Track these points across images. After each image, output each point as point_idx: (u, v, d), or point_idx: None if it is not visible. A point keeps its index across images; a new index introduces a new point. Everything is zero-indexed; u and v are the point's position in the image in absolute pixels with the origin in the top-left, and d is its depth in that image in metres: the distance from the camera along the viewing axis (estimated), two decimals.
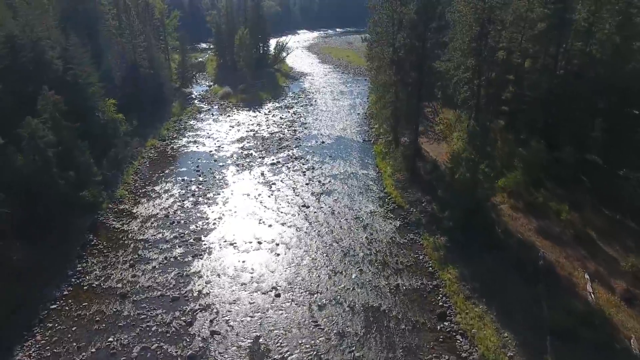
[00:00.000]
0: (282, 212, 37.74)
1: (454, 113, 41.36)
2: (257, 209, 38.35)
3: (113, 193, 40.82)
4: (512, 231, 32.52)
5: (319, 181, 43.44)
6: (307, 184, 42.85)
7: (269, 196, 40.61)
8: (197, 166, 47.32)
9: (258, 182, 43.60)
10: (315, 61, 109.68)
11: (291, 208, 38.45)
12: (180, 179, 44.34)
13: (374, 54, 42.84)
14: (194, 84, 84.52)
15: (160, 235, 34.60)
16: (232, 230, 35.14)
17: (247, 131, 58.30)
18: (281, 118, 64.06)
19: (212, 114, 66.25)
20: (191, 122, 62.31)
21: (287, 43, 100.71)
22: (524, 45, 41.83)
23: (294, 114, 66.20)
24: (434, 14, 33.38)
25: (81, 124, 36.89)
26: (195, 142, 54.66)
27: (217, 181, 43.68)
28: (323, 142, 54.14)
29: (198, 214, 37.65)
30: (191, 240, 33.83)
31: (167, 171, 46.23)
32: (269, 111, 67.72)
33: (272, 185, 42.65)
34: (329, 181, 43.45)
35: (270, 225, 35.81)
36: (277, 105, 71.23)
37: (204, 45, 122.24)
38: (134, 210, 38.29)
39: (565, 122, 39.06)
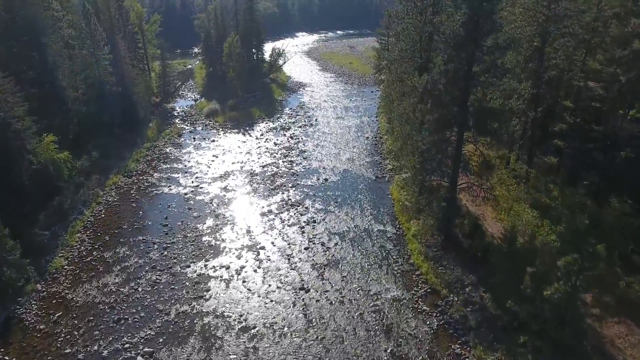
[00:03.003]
0: (271, 301, 27.34)
1: (496, 151, 30.88)
2: (237, 296, 27.97)
3: (48, 264, 30.58)
4: (607, 349, 22.22)
5: (322, 243, 33.09)
6: (306, 249, 32.49)
7: (255, 270, 30.23)
8: (166, 217, 36.92)
9: (242, 245, 33.22)
10: (315, 69, 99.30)
11: (284, 293, 28.07)
12: (141, 238, 33.95)
13: (395, 76, 32.60)
14: (178, 97, 74.02)
15: (97, 346, 24.18)
16: (198, 342, 24.75)
17: (233, 163, 47.89)
18: (275, 144, 53.67)
19: (194, 138, 55.79)
20: (168, 150, 51.88)
21: (284, 49, 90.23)
22: (597, 67, 31.44)
23: (291, 137, 55.81)
24: (491, 26, 23.10)
25: None
26: (168, 179, 44.24)
27: (188, 244, 33.26)
28: (326, 180, 43.77)
29: (154, 304, 27.27)
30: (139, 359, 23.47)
31: (125, 225, 35.82)
32: (262, 134, 57.31)
33: (261, 252, 32.27)
34: (336, 243, 33.10)
35: (252, 330, 25.37)
36: (272, 125, 60.81)
37: (196, 50, 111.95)
38: (70, 296, 27.91)
39: None
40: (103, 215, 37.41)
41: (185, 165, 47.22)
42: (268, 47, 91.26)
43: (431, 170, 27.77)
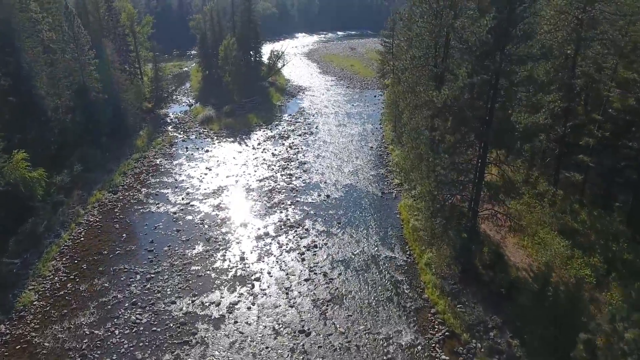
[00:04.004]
0: (266, 348, 23.77)
1: (519, 167, 27.27)
2: (228, 342, 24.43)
3: (16, 299, 27.13)
4: None
5: (325, 273, 29.56)
6: (307, 280, 28.96)
7: (249, 308, 26.67)
8: (151, 241, 33.41)
9: (235, 275, 29.69)
10: (316, 71, 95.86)
11: (282, 337, 24.54)
12: (123, 267, 30.43)
13: (406, 86, 29.08)
14: (172, 102, 70.43)
15: None
16: None
17: (227, 176, 44.36)
18: (274, 154, 50.16)
19: (187, 148, 52.26)
20: (158, 161, 48.35)
21: (283, 51, 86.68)
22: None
23: (290, 147, 52.31)
24: (524, 32, 19.54)
25: None
26: (157, 195, 40.72)
27: (175, 274, 29.71)
28: (328, 196, 40.26)
29: (132, 351, 23.72)
30: None
31: (106, 250, 32.30)
32: (259, 143, 53.80)
33: (256, 284, 28.74)
34: (339, 274, 29.58)
35: None
36: (270, 133, 57.30)
37: (193, 51, 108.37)
38: (37, 340, 24.38)
39: None
40: (82, 239, 33.89)
41: (176, 180, 43.69)
42: (267, 49, 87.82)
43: (449, 197, 24.27)
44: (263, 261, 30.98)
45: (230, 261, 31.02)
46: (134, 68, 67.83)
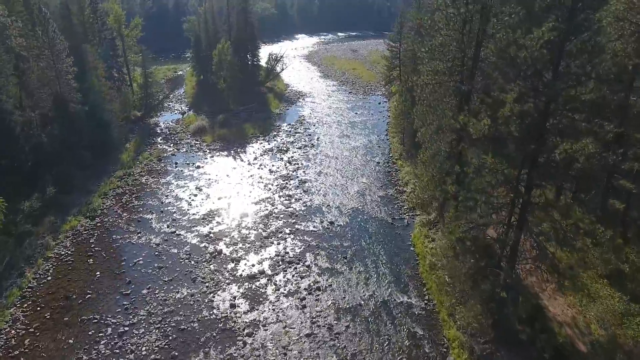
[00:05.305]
0: None
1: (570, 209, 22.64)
2: None
3: None
4: None
5: (329, 327, 25.04)
6: (308, 336, 24.41)
7: None
8: (129, 282, 28.90)
9: (222, 329, 25.12)
10: (316, 75, 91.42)
11: None
12: (92, 316, 25.90)
13: (425, 105, 24.53)
14: (164, 110, 65.87)
15: None
16: None
17: (219, 198, 39.86)
18: (271, 171, 45.66)
19: (176, 163, 47.76)
20: (143, 180, 43.85)
21: (282, 55, 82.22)
22: None
23: (290, 162, 47.82)
24: (588, 45, 15.01)
25: None
26: (139, 221, 36.23)
27: (152, 327, 25.13)
28: (332, 223, 35.76)
29: None
30: None
31: (75, 294, 27.74)
32: (255, 158, 49.29)
33: (247, 341, 24.15)
34: (347, 327, 25.04)
35: None
36: (267, 146, 52.82)
37: (189, 54, 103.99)
38: None
39: None
40: (50, 278, 29.38)
41: (162, 202, 39.17)
42: (265, 51, 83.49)
43: (482, 246, 19.78)
44: (257, 309, 26.45)
45: (218, 309, 26.49)
46: (122, 74, 63.33)
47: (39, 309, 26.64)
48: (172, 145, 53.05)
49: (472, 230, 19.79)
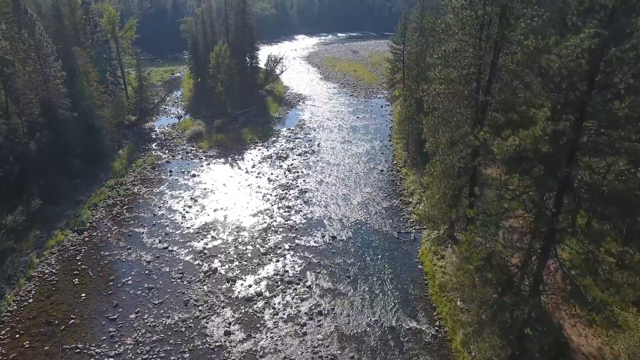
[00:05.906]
0: None
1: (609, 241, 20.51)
2: None
3: None
4: None
5: (333, 358, 22.93)
6: None
7: None
8: (116, 305, 26.82)
9: None
10: (316, 77, 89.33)
11: None
12: (75, 345, 23.84)
13: (437, 116, 22.48)
14: (159, 114, 63.67)
15: None
16: None
17: (215, 210, 37.79)
18: (270, 180, 43.60)
19: (171, 171, 45.68)
20: (136, 189, 41.77)
21: (282, 57, 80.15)
22: None
23: (289, 170, 45.75)
24: (628, 54, 13.01)
25: None
26: (130, 235, 34.17)
27: (139, 358, 23.10)
28: (334, 238, 33.71)
29: None
30: None
31: (57, 320, 25.67)
32: (254, 165, 47.22)
33: None
34: (352, 358, 22.96)
35: None
36: (266, 152, 50.76)
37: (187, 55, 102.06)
38: None
39: None
40: (31, 300, 27.31)
41: (155, 214, 37.11)
42: (264, 52, 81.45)
43: (505, 278, 17.71)
44: (253, 337, 24.38)
45: (212, 337, 24.41)
46: (116, 78, 61.26)
47: (17, 336, 24.59)
48: (167, 151, 50.99)
49: (491, 259, 17.74)
